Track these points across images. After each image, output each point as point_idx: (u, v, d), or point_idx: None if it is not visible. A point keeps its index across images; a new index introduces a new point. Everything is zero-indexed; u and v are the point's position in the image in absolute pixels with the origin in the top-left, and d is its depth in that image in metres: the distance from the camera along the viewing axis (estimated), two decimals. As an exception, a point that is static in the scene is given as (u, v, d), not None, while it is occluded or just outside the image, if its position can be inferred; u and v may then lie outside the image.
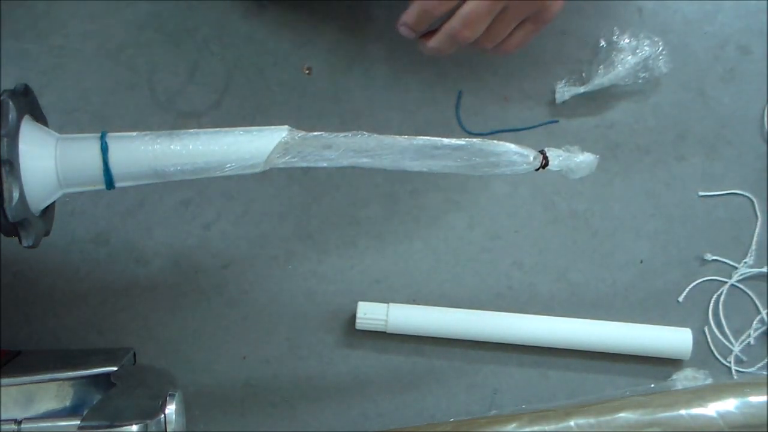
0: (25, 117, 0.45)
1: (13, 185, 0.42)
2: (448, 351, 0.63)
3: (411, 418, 0.61)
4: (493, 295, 0.64)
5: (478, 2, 0.52)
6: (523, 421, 0.56)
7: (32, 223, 0.44)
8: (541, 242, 0.65)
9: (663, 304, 0.64)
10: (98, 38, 0.66)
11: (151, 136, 0.46)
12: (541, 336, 0.62)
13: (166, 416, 0.48)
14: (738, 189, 0.66)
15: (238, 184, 0.64)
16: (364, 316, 0.61)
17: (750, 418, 0.55)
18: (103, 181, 0.45)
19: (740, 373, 0.63)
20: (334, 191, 0.65)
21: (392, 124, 0.66)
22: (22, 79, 0.47)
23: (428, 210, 0.65)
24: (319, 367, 0.62)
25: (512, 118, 0.67)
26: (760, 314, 0.64)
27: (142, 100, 0.65)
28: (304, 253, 0.64)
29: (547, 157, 0.49)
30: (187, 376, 0.61)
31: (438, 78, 0.67)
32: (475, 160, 0.47)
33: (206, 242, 0.64)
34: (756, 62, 0.69)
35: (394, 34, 0.57)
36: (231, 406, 0.61)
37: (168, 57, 0.66)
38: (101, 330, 0.62)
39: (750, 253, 0.65)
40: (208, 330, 0.62)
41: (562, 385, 0.63)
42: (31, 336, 0.61)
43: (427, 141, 0.47)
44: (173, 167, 0.46)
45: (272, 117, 0.66)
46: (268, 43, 0.67)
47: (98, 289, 0.62)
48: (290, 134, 0.46)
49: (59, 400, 0.51)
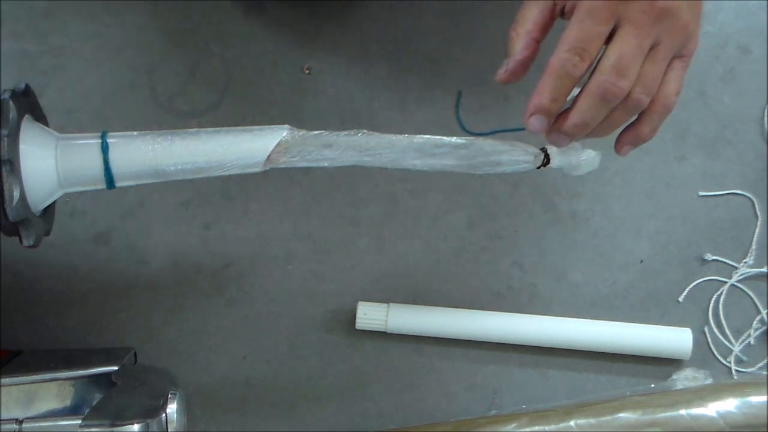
0: (26, 117, 0.45)
1: (14, 185, 0.42)
2: (448, 351, 0.63)
3: (411, 418, 0.61)
4: (493, 295, 0.64)
5: (624, 41, 0.42)
6: (523, 421, 0.56)
7: (33, 222, 0.44)
8: (541, 242, 0.65)
9: (663, 304, 0.64)
10: (98, 38, 0.66)
11: (152, 136, 0.46)
12: (541, 336, 0.62)
13: (167, 415, 0.48)
14: (738, 189, 0.66)
15: (238, 184, 0.64)
16: (364, 316, 0.61)
17: (750, 418, 0.55)
18: (104, 181, 0.45)
19: (740, 373, 0.63)
20: (334, 191, 0.65)
21: (392, 124, 0.66)
22: (22, 79, 0.47)
23: (428, 210, 0.65)
24: (319, 367, 0.62)
25: (512, 118, 0.67)
26: (760, 314, 0.64)
27: (142, 100, 0.65)
28: (304, 253, 0.64)
29: (548, 155, 0.49)
30: (187, 375, 0.61)
31: (438, 78, 0.67)
32: (477, 158, 0.47)
33: (206, 242, 0.64)
34: (756, 62, 0.69)
35: (394, 34, 0.57)
36: (231, 405, 0.61)
37: (168, 57, 0.66)
38: (101, 330, 0.62)
39: (750, 253, 0.65)
40: (208, 330, 0.62)
41: (562, 385, 0.63)
42: (31, 336, 0.61)
43: (428, 139, 0.47)
44: (173, 167, 0.46)
45: (272, 117, 0.66)
46: (268, 43, 0.67)
47: (98, 289, 0.62)
48: (290, 133, 0.46)
49: (60, 400, 0.51)
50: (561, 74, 0.43)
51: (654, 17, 0.42)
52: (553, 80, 0.43)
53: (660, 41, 0.43)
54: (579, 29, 0.42)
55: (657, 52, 0.43)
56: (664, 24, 0.42)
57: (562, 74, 0.43)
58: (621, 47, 0.42)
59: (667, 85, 0.45)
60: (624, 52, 0.42)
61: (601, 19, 0.42)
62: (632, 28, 0.42)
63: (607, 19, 0.42)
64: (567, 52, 0.42)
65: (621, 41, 0.42)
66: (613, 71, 0.42)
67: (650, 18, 0.42)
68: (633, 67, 0.42)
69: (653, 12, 0.42)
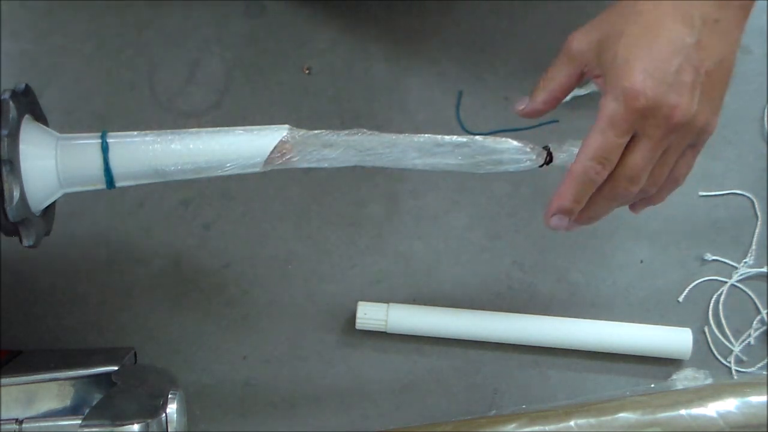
0: (26, 117, 0.45)
1: (14, 185, 0.42)
2: (448, 351, 0.63)
3: (411, 418, 0.61)
4: (493, 295, 0.64)
5: (640, 152, 0.44)
6: (523, 421, 0.56)
7: (33, 222, 0.44)
8: (541, 242, 0.65)
9: (663, 304, 0.64)
10: (98, 38, 0.66)
11: (152, 136, 0.46)
12: (541, 336, 0.62)
13: (167, 416, 0.48)
14: (738, 189, 0.66)
15: (238, 184, 0.65)
16: (364, 316, 0.61)
17: (750, 418, 0.54)
18: (104, 181, 0.45)
19: (740, 373, 0.63)
20: (334, 191, 0.65)
21: (392, 124, 0.66)
22: (22, 79, 0.47)
23: (428, 210, 0.65)
24: (319, 367, 0.62)
25: (513, 118, 0.67)
26: (760, 314, 0.64)
27: (142, 100, 0.65)
28: (304, 253, 0.64)
29: (551, 153, 0.49)
30: (188, 376, 0.61)
31: (438, 78, 0.67)
32: (479, 157, 0.47)
33: (206, 242, 0.64)
34: (756, 62, 0.69)
35: (394, 34, 0.57)
36: (231, 406, 0.61)
37: (168, 57, 0.66)
38: (101, 330, 0.62)
39: (750, 253, 0.65)
40: (208, 330, 0.62)
41: (562, 385, 0.62)
42: (31, 336, 0.61)
43: (429, 138, 0.47)
44: (174, 166, 0.46)
45: (272, 117, 0.66)
46: (268, 43, 0.67)
47: (98, 289, 0.62)
48: (291, 133, 0.46)
49: (60, 400, 0.51)
50: (584, 180, 0.45)
51: (669, 131, 0.44)
52: (576, 185, 0.46)
53: (673, 144, 0.45)
54: (601, 140, 0.44)
55: (669, 153, 0.46)
56: (678, 133, 0.44)
57: (585, 180, 0.45)
58: (635, 159, 0.45)
59: (677, 170, 0.48)
60: (638, 163, 0.45)
61: (620, 132, 0.44)
62: (648, 140, 0.44)
63: (627, 131, 0.44)
64: (591, 160, 0.45)
65: (635, 153, 0.45)
66: (626, 180, 0.45)
67: (665, 132, 0.44)
68: (645, 174, 0.45)
69: (668, 126, 0.43)
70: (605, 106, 0.44)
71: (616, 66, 0.44)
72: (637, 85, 0.42)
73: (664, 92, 0.42)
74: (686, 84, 0.43)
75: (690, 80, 0.43)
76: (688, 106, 0.43)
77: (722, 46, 0.44)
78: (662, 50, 0.43)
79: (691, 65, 0.43)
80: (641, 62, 0.43)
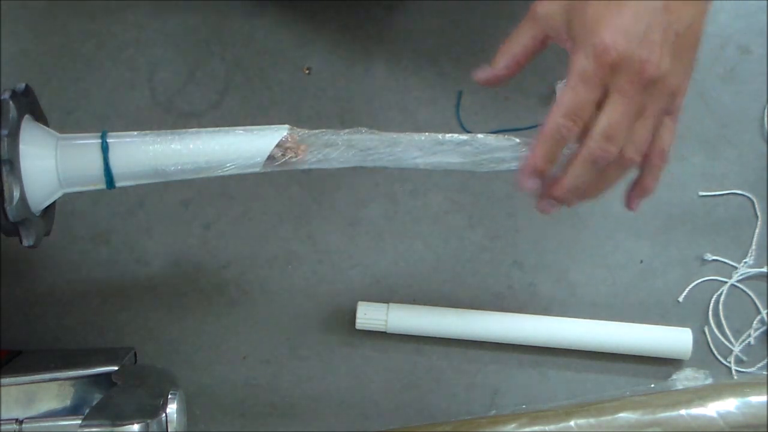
0: (26, 117, 0.45)
1: (14, 185, 0.42)
2: (448, 351, 0.63)
3: (411, 418, 0.61)
4: (493, 295, 0.64)
5: (613, 109, 0.44)
6: (523, 421, 0.56)
7: (33, 222, 0.44)
8: (541, 242, 0.65)
9: (663, 304, 0.64)
10: (98, 38, 0.66)
11: (152, 136, 0.46)
12: (541, 336, 0.62)
13: (167, 415, 0.48)
14: (738, 189, 0.66)
15: (238, 184, 0.64)
16: (364, 316, 0.61)
17: (750, 418, 0.55)
18: (104, 181, 0.45)
19: (740, 373, 0.63)
20: (334, 191, 0.65)
21: (392, 124, 0.66)
22: (22, 79, 0.47)
23: (428, 210, 0.65)
24: (319, 367, 0.62)
25: (512, 118, 0.67)
26: (760, 314, 0.64)
27: (142, 100, 0.65)
28: (304, 253, 0.64)
29: None
30: (187, 376, 0.61)
31: (438, 78, 0.67)
32: (480, 155, 0.47)
33: (206, 242, 0.64)
34: (756, 62, 0.69)
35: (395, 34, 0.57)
36: (231, 406, 0.61)
37: (168, 57, 0.66)
38: (101, 330, 0.62)
39: (750, 253, 0.65)
40: (208, 330, 0.62)
41: (562, 385, 0.63)
42: (31, 336, 0.61)
43: (431, 137, 0.47)
44: (174, 166, 0.46)
45: (272, 117, 0.66)
46: (268, 43, 0.67)
47: (98, 289, 0.62)
48: (291, 133, 0.46)
49: (60, 400, 0.51)
50: (556, 138, 0.45)
51: (641, 86, 0.44)
52: (547, 143, 0.45)
53: (648, 104, 0.45)
54: (572, 96, 0.44)
55: (646, 114, 0.45)
56: (651, 90, 0.44)
57: (557, 137, 0.45)
58: (609, 115, 0.44)
59: (659, 140, 0.47)
60: (612, 119, 0.44)
61: (591, 87, 0.44)
62: (620, 96, 0.44)
63: (597, 86, 0.44)
64: (562, 117, 0.44)
65: (610, 109, 0.44)
66: (602, 138, 0.44)
67: (637, 87, 0.44)
68: (621, 133, 0.45)
69: (641, 82, 0.43)
70: (575, 62, 0.44)
71: (586, 27, 0.44)
72: (607, 40, 0.43)
73: (634, 47, 0.43)
74: (656, 42, 0.43)
75: (659, 39, 0.43)
76: (658, 61, 0.43)
77: (690, 11, 0.45)
78: (631, 11, 0.43)
79: (660, 26, 0.43)
80: (611, 21, 0.43)
